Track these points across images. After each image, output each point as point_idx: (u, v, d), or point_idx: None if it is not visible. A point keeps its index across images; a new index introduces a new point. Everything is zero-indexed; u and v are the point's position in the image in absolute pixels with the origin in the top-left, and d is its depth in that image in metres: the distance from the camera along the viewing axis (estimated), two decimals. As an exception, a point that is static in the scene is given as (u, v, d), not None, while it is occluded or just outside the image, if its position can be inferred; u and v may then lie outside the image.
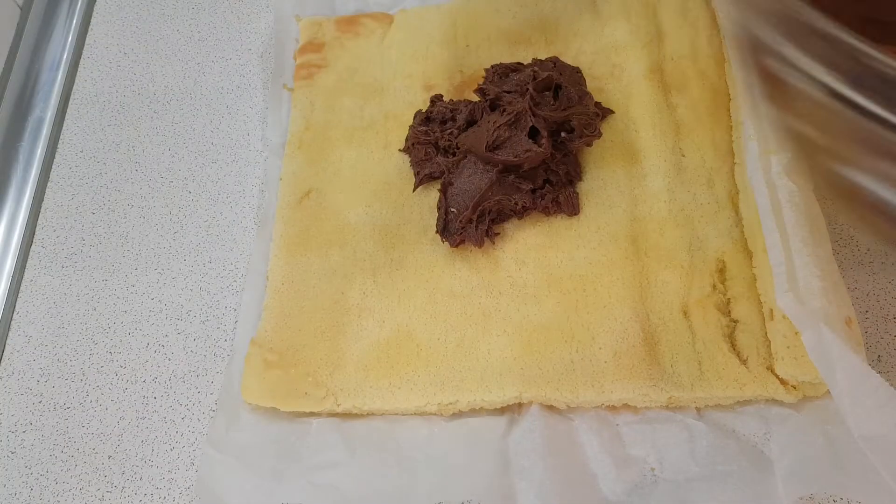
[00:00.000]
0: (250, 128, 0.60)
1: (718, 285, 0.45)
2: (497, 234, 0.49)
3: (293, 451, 0.45)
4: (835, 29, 0.31)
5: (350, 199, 0.53)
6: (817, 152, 0.38)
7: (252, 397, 0.47)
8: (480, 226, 0.48)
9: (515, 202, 0.48)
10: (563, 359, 0.44)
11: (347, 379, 0.46)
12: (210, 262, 0.55)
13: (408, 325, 0.47)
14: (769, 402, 0.42)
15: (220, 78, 0.63)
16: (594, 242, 0.48)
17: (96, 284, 0.55)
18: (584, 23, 0.56)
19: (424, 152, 0.52)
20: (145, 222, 0.57)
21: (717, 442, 0.41)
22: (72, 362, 0.53)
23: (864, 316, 0.45)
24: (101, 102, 0.64)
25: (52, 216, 0.59)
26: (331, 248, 0.51)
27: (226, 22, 0.66)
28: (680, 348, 0.43)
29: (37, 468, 0.49)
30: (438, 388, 0.45)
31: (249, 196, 0.57)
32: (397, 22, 0.60)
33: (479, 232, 0.48)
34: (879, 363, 0.43)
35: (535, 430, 0.43)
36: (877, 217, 0.35)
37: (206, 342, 0.52)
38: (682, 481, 0.40)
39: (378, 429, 0.45)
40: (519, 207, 0.48)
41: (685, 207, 0.47)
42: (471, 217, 0.48)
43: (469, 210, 0.47)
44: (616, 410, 0.44)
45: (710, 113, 0.50)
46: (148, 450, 0.49)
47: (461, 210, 0.48)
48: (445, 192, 0.49)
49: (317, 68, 0.59)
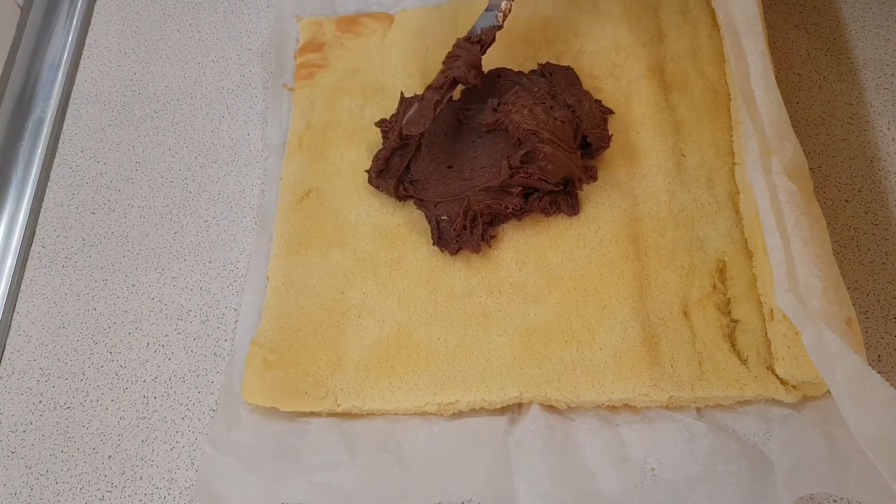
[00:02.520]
0: (250, 128, 0.60)
1: (718, 285, 0.45)
2: (493, 236, 0.49)
3: (293, 451, 0.45)
4: None
5: (350, 199, 0.53)
6: None
7: (252, 397, 0.47)
8: (475, 231, 0.48)
9: (506, 205, 0.48)
10: (564, 358, 0.44)
11: (347, 379, 0.46)
12: (210, 262, 0.55)
13: (408, 325, 0.47)
14: (769, 402, 0.42)
15: (220, 78, 0.63)
16: (594, 242, 0.48)
17: (96, 284, 0.55)
18: (584, 23, 0.56)
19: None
20: (145, 222, 0.57)
21: (717, 442, 0.41)
22: (72, 362, 0.53)
23: (864, 316, 0.45)
24: (101, 102, 0.64)
25: (52, 216, 0.59)
26: (331, 248, 0.51)
27: (226, 22, 0.66)
28: (680, 348, 0.43)
29: (37, 468, 0.49)
30: (438, 387, 0.45)
31: (249, 196, 0.57)
32: (398, 22, 0.60)
33: (475, 237, 0.48)
34: (879, 363, 0.43)
35: (535, 430, 0.43)
36: None
37: (206, 342, 0.52)
38: (682, 481, 0.40)
39: (378, 429, 0.45)
40: (509, 211, 0.48)
41: (685, 207, 0.47)
42: (464, 223, 0.48)
43: (461, 217, 0.48)
44: (616, 410, 0.44)
45: (710, 113, 0.50)
46: (148, 450, 0.49)
47: (453, 218, 0.48)
48: (423, 202, 0.50)
49: (317, 68, 0.59)
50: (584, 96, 0.51)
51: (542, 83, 0.52)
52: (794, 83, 0.53)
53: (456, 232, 0.48)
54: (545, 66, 0.53)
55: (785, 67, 0.53)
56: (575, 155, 0.48)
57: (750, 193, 0.45)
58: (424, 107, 0.50)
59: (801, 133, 0.46)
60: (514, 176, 0.47)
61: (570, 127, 0.48)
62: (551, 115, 0.48)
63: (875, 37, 0.54)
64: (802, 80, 0.53)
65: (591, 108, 0.50)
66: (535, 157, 0.47)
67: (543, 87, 0.51)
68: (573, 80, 0.52)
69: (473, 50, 0.50)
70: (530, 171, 0.47)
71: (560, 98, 0.50)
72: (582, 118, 0.49)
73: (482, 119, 0.50)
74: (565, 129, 0.48)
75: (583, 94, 0.51)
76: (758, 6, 0.48)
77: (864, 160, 0.49)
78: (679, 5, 0.55)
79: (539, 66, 0.53)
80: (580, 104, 0.50)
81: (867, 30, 0.54)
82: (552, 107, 0.48)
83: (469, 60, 0.50)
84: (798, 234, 0.41)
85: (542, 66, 0.53)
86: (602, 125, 0.50)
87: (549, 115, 0.47)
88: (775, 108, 0.44)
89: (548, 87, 0.51)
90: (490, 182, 0.48)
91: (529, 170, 0.47)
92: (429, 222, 0.50)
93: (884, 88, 0.51)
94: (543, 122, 0.47)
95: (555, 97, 0.50)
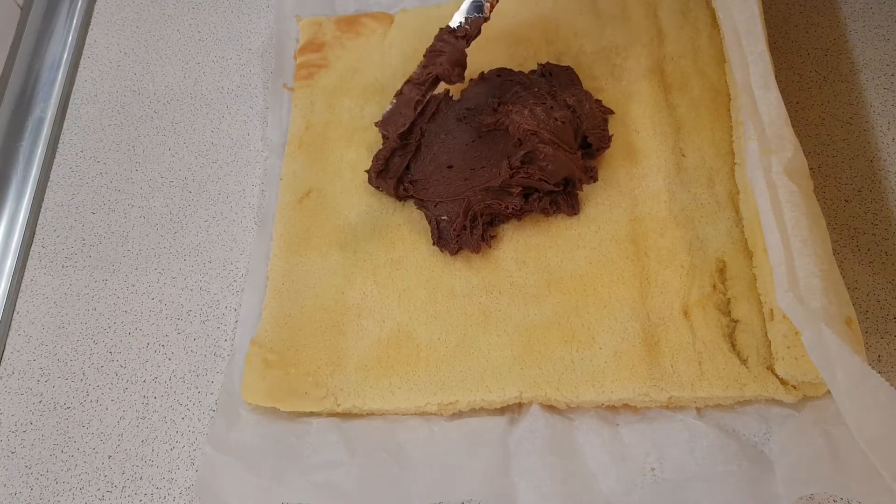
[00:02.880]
0: (250, 128, 0.60)
1: (719, 285, 0.45)
2: (493, 236, 0.49)
3: (293, 451, 0.45)
4: None
5: (350, 199, 0.53)
6: None
7: (252, 397, 0.47)
8: (475, 231, 0.48)
9: (506, 205, 0.48)
10: (564, 358, 0.44)
11: (347, 379, 0.46)
12: (210, 262, 0.55)
13: (408, 325, 0.47)
14: (769, 402, 0.42)
15: (220, 78, 0.63)
16: (594, 242, 0.47)
17: (96, 284, 0.55)
18: (584, 23, 0.56)
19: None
20: (145, 222, 0.57)
21: (717, 442, 0.41)
22: (72, 362, 0.53)
23: (864, 316, 0.45)
24: (101, 102, 0.64)
25: (52, 216, 0.59)
26: (331, 248, 0.51)
27: (226, 22, 0.66)
28: (680, 348, 0.43)
29: (37, 468, 0.49)
30: (438, 387, 0.45)
31: (249, 196, 0.57)
32: (398, 22, 0.60)
33: (475, 237, 0.48)
34: (879, 363, 0.43)
35: (535, 430, 0.43)
36: None
37: (206, 342, 0.52)
38: (682, 481, 0.40)
39: (378, 429, 0.45)
40: (509, 211, 0.48)
41: (685, 207, 0.47)
42: (464, 223, 0.48)
43: (461, 217, 0.48)
44: (616, 410, 0.44)
45: (710, 113, 0.50)
46: (148, 450, 0.49)
47: (453, 218, 0.48)
48: (423, 202, 0.50)
49: (317, 68, 0.59)
50: (584, 96, 0.51)
51: (543, 83, 0.52)
52: (794, 83, 0.53)
53: (456, 232, 0.48)
54: (545, 66, 0.53)
55: (785, 67, 0.53)
56: (575, 155, 0.48)
57: (750, 193, 0.45)
58: (403, 104, 0.49)
59: (801, 133, 0.46)
60: (514, 176, 0.47)
61: (571, 127, 0.48)
62: (552, 115, 0.48)
63: (875, 37, 0.54)
64: (802, 80, 0.53)
65: (591, 109, 0.50)
66: (536, 157, 0.47)
67: (543, 87, 0.51)
68: (573, 80, 0.52)
69: (458, 45, 0.49)
70: (531, 172, 0.47)
71: (560, 98, 0.50)
72: (582, 118, 0.49)
73: (482, 119, 0.50)
74: (566, 130, 0.48)
75: (583, 94, 0.51)
76: (758, 6, 0.48)
77: (864, 160, 0.49)
78: (679, 5, 0.55)
79: (539, 66, 0.53)
80: (580, 104, 0.50)
81: (867, 30, 0.54)
82: (552, 107, 0.48)
83: (453, 57, 0.49)
84: (798, 233, 0.41)
85: (542, 67, 0.53)
86: (602, 125, 0.50)
87: (550, 116, 0.47)
88: (775, 108, 0.44)
89: (548, 88, 0.51)
90: (490, 182, 0.48)
91: (530, 170, 0.47)
92: (429, 222, 0.50)
93: (884, 88, 0.51)
94: (544, 122, 0.47)
95: (555, 97, 0.50)
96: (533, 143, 0.47)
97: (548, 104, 0.48)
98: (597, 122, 0.50)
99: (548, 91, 0.51)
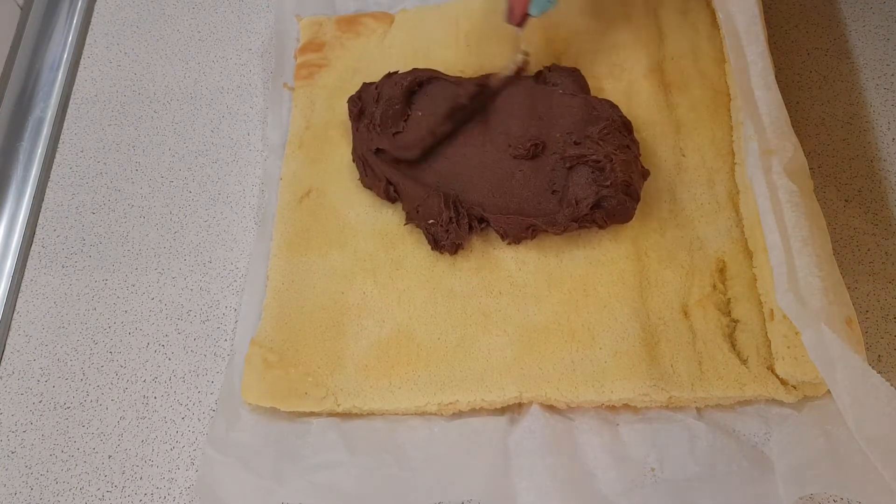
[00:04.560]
0: (250, 128, 0.60)
1: (719, 285, 0.45)
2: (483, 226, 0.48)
3: (293, 451, 0.45)
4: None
5: (350, 199, 0.53)
6: None
7: (252, 397, 0.47)
8: (461, 221, 0.47)
9: (553, 231, 0.46)
10: (564, 359, 0.44)
11: (347, 379, 0.46)
12: (210, 262, 0.55)
13: (408, 325, 0.47)
14: (769, 402, 0.42)
15: (220, 78, 0.63)
16: (594, 242, 0.47)
17: (96, 284, 0.55)
18: (584, 23, 0.56)
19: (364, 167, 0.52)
20: (145, 222, 0.57)
21: (717, 442, 0.41)
22: (72, 362, 0.53)
23: (864, 316, 0.45)
24: (101, 102, 0.64)
25: (52, 216, 0.59)
26: (331, 248, 0.51)
27: (226, 22, 0.66)
28: (680, 348, 0.43)
29: (37, 468, 0.49)
30: (438, 387, 0.45)
31: (249, 196, 0.57)
32: (398, 22, 0.60)
33: (463, 227, 0.47)
34: (879, 363, 0.43)
35: (535, 430, 0.43)
36: None
37: (206, 342, 0.52)
38: (682, 481, 0.40)
39: (378, 429, 0.45)
40: (553, 231, 0.47)
41: (685, 207, 0.47)
42: (450, 216, 0.47)
43: (444, 210, 0.47)
44: (616, 410, 0.44)
45: (710, 113, 0.50)
46: (148, 450, 0.49)
47: (436, 215, 0.48)
48: (408, 216, 0.50)
49: (317, 68, 0.59)
50: (631, 142, 0.47)
51: (578, 103, 0.49)
52: (794, 83, 0.53)
53: (444, 227, 0.48)
54: (551, 67, 0.52)
55: (785, 67, 0.53)
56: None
57: (750, 193, 0.45)
58: (424, 132, 0.50)
59: (801, 133, 0.46)
60: (577, 219, 0.46)
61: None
62: (637, 161, 0.46)
63: (875, 37, 0.54)
64: (802, 80, 0.53)
65: (634, 162, 0.46)
66: (611, 204, 0.45)
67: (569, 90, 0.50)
68: (580, 82, 0.51)
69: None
70: (596, 218, 0.46)
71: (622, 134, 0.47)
72: (608, 174, 0.45)
73: (563, 150, 0.47)
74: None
75: (630, 140, 0.47)
76: (758, 6, 0.48)
77: (864, 160, 0.49)
78: (679, 5, 0.55)
79: (544, 69, 0.53)
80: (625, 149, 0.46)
81: (867, 30, 0.54)
82: (629, 145, 0.47)
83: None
84: (798, 233, 0.41)
85: (548, 69, 0.52)
86: (637, 184, 0.46)
87: (637, 162, 0.46)
88: (775, 108, 0.44)
89: (620, 118, 0.48)
90: (541, 216, 0.47)
91: (596, 216, 0.46)
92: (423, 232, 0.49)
93: (884, 88, 0.51)
94: (634, 171, 0.45)
95: (629, 130, 0.48)
96: (620, 197, 0.45)
97: (632, 150, 0.47)
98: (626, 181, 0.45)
99: (622, 122, 0.48)
